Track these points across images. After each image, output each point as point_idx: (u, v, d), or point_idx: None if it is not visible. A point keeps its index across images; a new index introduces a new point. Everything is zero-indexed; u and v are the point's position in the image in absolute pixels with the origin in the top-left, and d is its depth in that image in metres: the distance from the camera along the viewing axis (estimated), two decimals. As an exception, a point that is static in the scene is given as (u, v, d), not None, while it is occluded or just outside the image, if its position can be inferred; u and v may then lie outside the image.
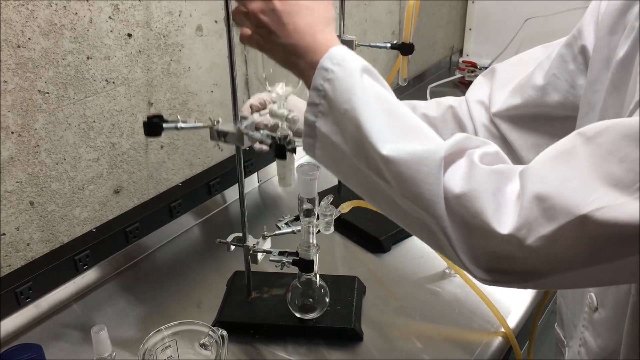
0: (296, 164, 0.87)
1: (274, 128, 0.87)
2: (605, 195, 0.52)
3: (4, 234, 0.98)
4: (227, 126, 0.85)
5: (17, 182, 0.97)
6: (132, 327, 1.02)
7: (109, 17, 1.03)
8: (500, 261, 0.59)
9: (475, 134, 0.93)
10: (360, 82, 0.64)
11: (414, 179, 0.60)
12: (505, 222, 0.56)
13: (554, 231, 0.54)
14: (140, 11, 1.08)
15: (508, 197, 0.57)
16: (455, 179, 0.59)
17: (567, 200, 0.53)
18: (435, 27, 2.11)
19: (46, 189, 1.02)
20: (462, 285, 1.10)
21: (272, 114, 0.81)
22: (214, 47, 1.24)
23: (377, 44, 1.19)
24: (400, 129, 0.63)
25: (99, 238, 1.10)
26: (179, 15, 1.15)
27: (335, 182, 1.37)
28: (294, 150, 0.79)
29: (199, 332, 0.86)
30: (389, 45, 1.20)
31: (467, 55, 2.25)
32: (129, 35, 1.07)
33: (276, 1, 0.66)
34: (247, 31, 0.70)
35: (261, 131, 0.83)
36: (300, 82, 0.77)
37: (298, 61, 0.67)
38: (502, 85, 0.92)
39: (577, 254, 0.54)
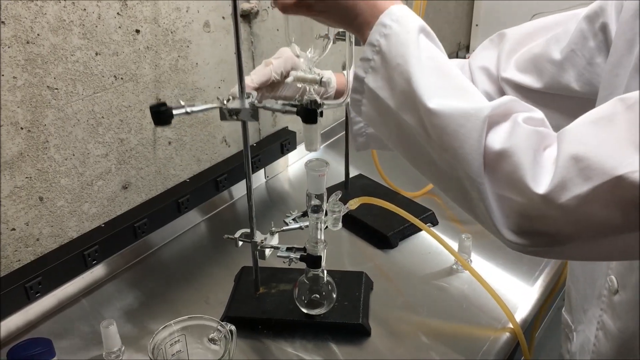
0: (305, 159, 0.87)
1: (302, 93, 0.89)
2: (639, 160, 0.52)
3: (13, 229, 0.99)
4: (238, 103, 0.84)
5: (26, 177, 0.98)
6: (140, 321, 1.03)
7: (117, 14, 1.03)
8: (532, 221, 0.59)
9: None
10: (415, 40, 0.65)
11: (457, 133, 0.60)
12: (541, 181, 0.57)
13: (589, 191, 0.54)
14: (148, 7, 1.08)
15: (545, 158, 0.58)
16: (497, 137, 0.60)
17: (604, 161, 0.54)
18: (442, 23, 2.10)
19: (55, 184, 1.03)
20: (470, 281, 1.10)
21: (301, 80, 0.81)
22: (221, 43, 1.24)
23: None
24: (448, 86, 0.64)
25: (108, 233, 1.10)
26: (187, 11, 1.15)
27: (342, 178, 1.37)
28: (322, 114, 0.80)
29: (208, 327, 0.86)
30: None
31: (474, 51, 2.24)
32: (137, 31, 1.08)
33: None
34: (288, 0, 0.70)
35: (278, 102, 0.83)
36: (328, 46, 0.79)
37: (355, 20, 0.68)
38: (511, 49, 0.90)
39: (609, 217, 0.55)
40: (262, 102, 0.84)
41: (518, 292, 1.08)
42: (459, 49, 2.28)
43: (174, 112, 0.80)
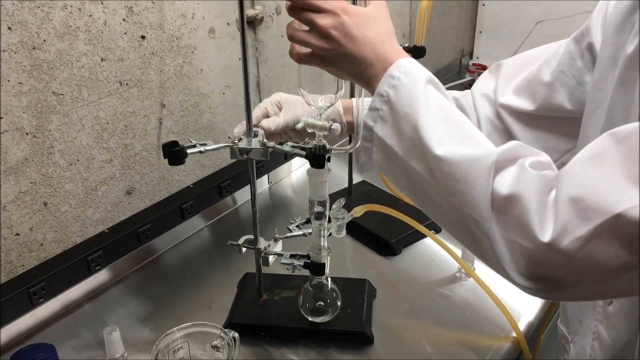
0: (308, 166, 0.87)
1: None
2: (637, 195, 0.53)
3: (17, 234, 0.99)
4: (247, 142, 0.88)
5: (31, 182, 0.98)
6: (143, 327, 1.03)
7: (123, 19, 1.04)
8: (539, 266, 0.59)
9: (479, 125, 0.94)
10: (423, 89, 0.68)
11: (465, 179, 0.62)
12: (546, 227, 0.57)
13: (590, 232, 0.55)
14: (154, 13, 1.08)
15: (549, 201, 0.59)
16: (504, 182, 0.61)
17: (601, 200, 0.54)
18: (446, 29, 2.11)
19: (60, 189, 1.03)
20: (473, 288, 1.10)
21: (311, 126, 0.84)
22: (226, 49, 1.25)
23: (389, 47, 1.19)
24: (456, 134, 0.66)
25: (111, 239, 1.11)
26: (192, 17, 1.16)
27: (346, 185, 1.37)
28: (329, 159, 0.85)
29: (211, 334, 0.86)
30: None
31: (477, 57, 2.25)
32: (143, 37, 1.08)
33: (344, 16, 0.69)
34: (303, 50, 0.74)
35: (288, 143, 0.87)
36: (338, 96, 0.83)
37: (366, 72, 0.71)
38: (508, 78, 0.93)
39: (613, 256, 0.55)
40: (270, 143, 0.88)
41: (521, 300, 1.08)
42: (463, 55, 2.28)
43: (188, 151, 0.85)
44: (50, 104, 0.97)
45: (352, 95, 1.02)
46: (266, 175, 1.43)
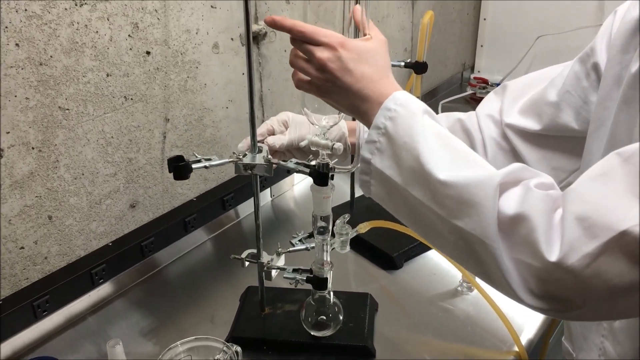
0: (311, 179, 0.89)
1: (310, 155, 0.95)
2: None
3: (22, 248, 1.00)
4: (251, 158, 0.90)
5: (36, 196, 0.99)
6: (146, 341, 1.03)
7: (129, 35, 1.05)
8: (547, 285, 0.60)
9: (484, 146, 0.95)
10: (421, 120, 0.69)
11: (470, 202, 0.62)
12: (553, 246, 0.58)
13: (596, 249, 0.55)
14: (158, 29, 1.10)
15: (556, 220, 0.59)
16: (510, 202, 0.61)
17: (607, 217, 0.55)
18: (447, 44, 2.12)
19: (64, 203, 1.04)
20: (475, 302, 1.10)
21: (315, 145, 0.86)
22: (229, 64, 1.26)
23: (391, 63, 1.20)
24: (457, 159, 0.67)
25: (115, 252, 1.11)
26: (196, 33, 1.17)
27: (348, 198, 1.38)
28: (332, 177, 0.86)
29: (214, 348, 0.87)
30: (402, 64, 1.21)
31: (479, 71, 2.26)
32: (148, 52, 1.09)
33: (342, 50, 0.71)
34: (304, 77, 0.76)
35: (292, 160, 0.89)
36: (341, 115, 0.85)
37: (362, 105, 0.72)
38: (513, 99, 0.95)
39: (621, 273, 0.55)
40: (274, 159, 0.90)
41: (524, 314, 1.08)
42: (464, 69, 2.29)
43: (193, 166, 0.86)
44: (56, 119, 0.98)
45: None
46: (269, 188, 1.44)
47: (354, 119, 0.99)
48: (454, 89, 2.22)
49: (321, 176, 0.87)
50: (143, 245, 1.15)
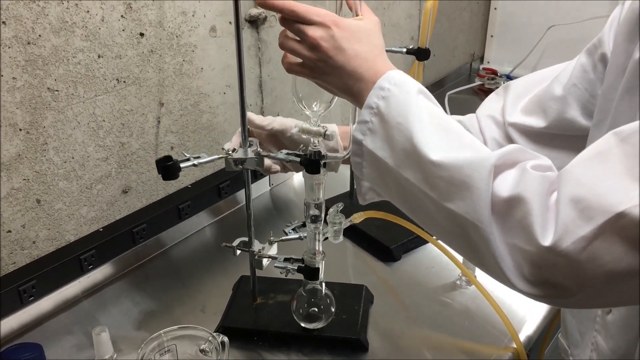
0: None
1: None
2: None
3: (9, 231, 0.98)
4: (242, 152, 0.88)
5: (24, 179, 0.97)
6: (136, 329, 1.01)
7: (121, 16, 1.02)
8: (542, 270, 0.57)
9: None
10: (415, 100, 0.66)
11: (463, 183, 0.60)
12: (548, 229, 0.55)
13: (592, 232, 0.52)
14: (153, 11, 1.07)
15: (551, 203, 0.57)
16: (505, 184, 0.59)
17: (603, 199, 0.53)
18: (456, 33, 2.08)
19: (53, 187, 1.02)
20: (474, 296, 1.07)
21: (306, 131, 0.84)
22: (227, 49, 1.23)
23: (392, 49, 1.17)
24: (451, 140, 0.65)
25: (106, 238, 1.09)
26: (193, 15, 1.14)
27: (348, 188, 1.35)
28: (325, 165, 0.84)
29: (199, 338, 0.84)
30: (404, 50, 1.17)
31: (488, 62, 2.22)
32: (141, 34, 1.07)
33: (335, 28, 0.68)
34: (294, 59, 0.73)
35: (282, 151, 0.87)
36: (333, 100, 0.82)
37: (355, 85, 0.70)
38: (516, 97, 0.92)
39: (618, 258, 0.53)
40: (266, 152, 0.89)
41: (523, 309, 1.05)
42: (473, 59, 2.25)
43: (182, 165, 0.85)
44: (44, 100, 0.96)
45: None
46: (268, 176, 1.41)
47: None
48: (462, 79, 2.18)
49: (313, 164, 0.84)
50: (135, 232, 1.13)
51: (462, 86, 2.05)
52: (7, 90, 0.90)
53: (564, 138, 0.86)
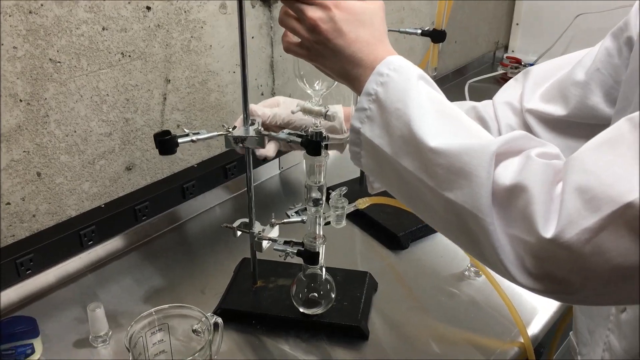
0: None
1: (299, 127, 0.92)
2: None
3: (8, 204, 0.97)
4: (243, 130, 0.86)
5: (24, 151, 0.96)
6: (131, 307, 0.99)
7: (128, -12, 1.00)
8: (544, 263, 0.54)
9: (499, 134, 0.87)
10: (415, 85, 0.63)
11: (462, 171, 0.57)
12: (550, 220, 0.52)
13: (597, 223, 0.49)
14: (160, -16, 1.05)
15: (556, 193, 0.53)
16: (507, 172, 0.55)
17: (611, 188, 0.49)
18: (479, 21, 2.02)
19: (55, 160, 1.00)
20: (482, 288, 1.04)
21: (307, 111, 0.81)
22: (237, 26, 1.20)
23: (407, 30, 1.13)
24: (452, 126, 0.61)
25: (107, 214, 1.08)
26: (202, -10, 1.12)
27: (358, 174, 1.32)
28: (326, 147, 0.81)
29: (191, 318, 0.82)
30: (419, 31, 1.13)
31: (513, 51, 2.15)
32: (148, 8, 1.04)
33: (335, 10, 0.65)
34: (293, 38, 0.70)
35: (283, 131, 0.84)
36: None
37: (353, 70, 0.66)
38: (536, 83, 0.87)
39: (624, 251, 0.49)
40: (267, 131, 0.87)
41: (534, 304, 1.01)
42: (497, 48, 2.19)
43: (179, 140, 0.81)
44: (46, 72, 0.94)
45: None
46: (277, 159, 1.38)
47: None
48: (484, 68, 2.12)
49: (314, 145, 0.81)
50: (137, 209, 1.11)
51: (484, 74, 1.99)
52: (7, 60, 0.89)
53: (584, 127, 0.81)
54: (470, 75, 1.99)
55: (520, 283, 0.56)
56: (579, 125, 0.81)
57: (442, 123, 0.61)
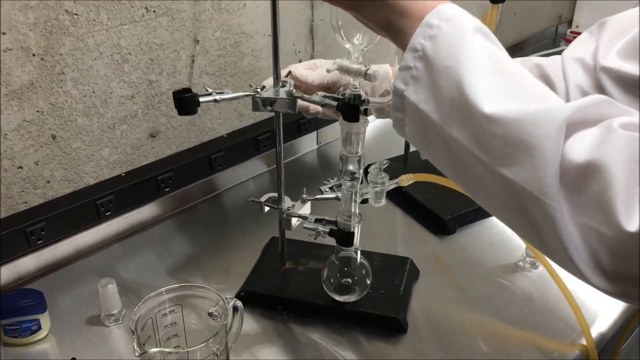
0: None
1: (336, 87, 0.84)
2: None
3: (20, 167, 0.90)
4: (273, 92, 0.76)
5: (37, 111, 0.88)
6: (153, 284, 0.91)
7: None
8: (623, 263, 0.45)
9: (567, 97, 0.75)
10: (470, 39, 0.53)
11: (524, 143, 0.47)
12: (634, 210, 0.43)
13: None
14: None
15: None
16: (581, 146, 0.46)
17: None
18: (542, -9, 1.86)
19: (71, 123, 0.93)
20: (539, 281, 0.92)
21: (344, 70, 0.70)
22: (275, -16, 1.10)
23: (463, -12, 1.00)
24: (512, 89, 0.52)
25: (127, 183, 1.00)
26: (237, -58, 1.02)
27: (402, 151, 1.20)
28: (366, 112, 0.71)
29: (207, 300, 0.73)
30: (477, -11, 1.01)
31: (577, 26, 1.99)
32: (176, -42, 0.95)
33: None
34: None
35: (318, 93, 0.74)
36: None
37: (398, 21, 0.56)
38: (613, 37, 0.75)
39: None
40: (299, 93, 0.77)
41: (600, 302, 0.88)
42: (560, 22, 2.02)
43: (201, 99, 0.73)
44: (62, 24, 0.86)
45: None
46: (315, 132, 1.28)
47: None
48: (546, 43, 1.97)
49: (351, 109, 0.71)
50: (159, 180, 1.03)
51: (544, 50, 1.84)
52: (18, 9, 0.81)
53: None
54: (529, 52, 1.85)
55: (592, 283, 0.47)
56: None
57: (501, 85, 0.51)
